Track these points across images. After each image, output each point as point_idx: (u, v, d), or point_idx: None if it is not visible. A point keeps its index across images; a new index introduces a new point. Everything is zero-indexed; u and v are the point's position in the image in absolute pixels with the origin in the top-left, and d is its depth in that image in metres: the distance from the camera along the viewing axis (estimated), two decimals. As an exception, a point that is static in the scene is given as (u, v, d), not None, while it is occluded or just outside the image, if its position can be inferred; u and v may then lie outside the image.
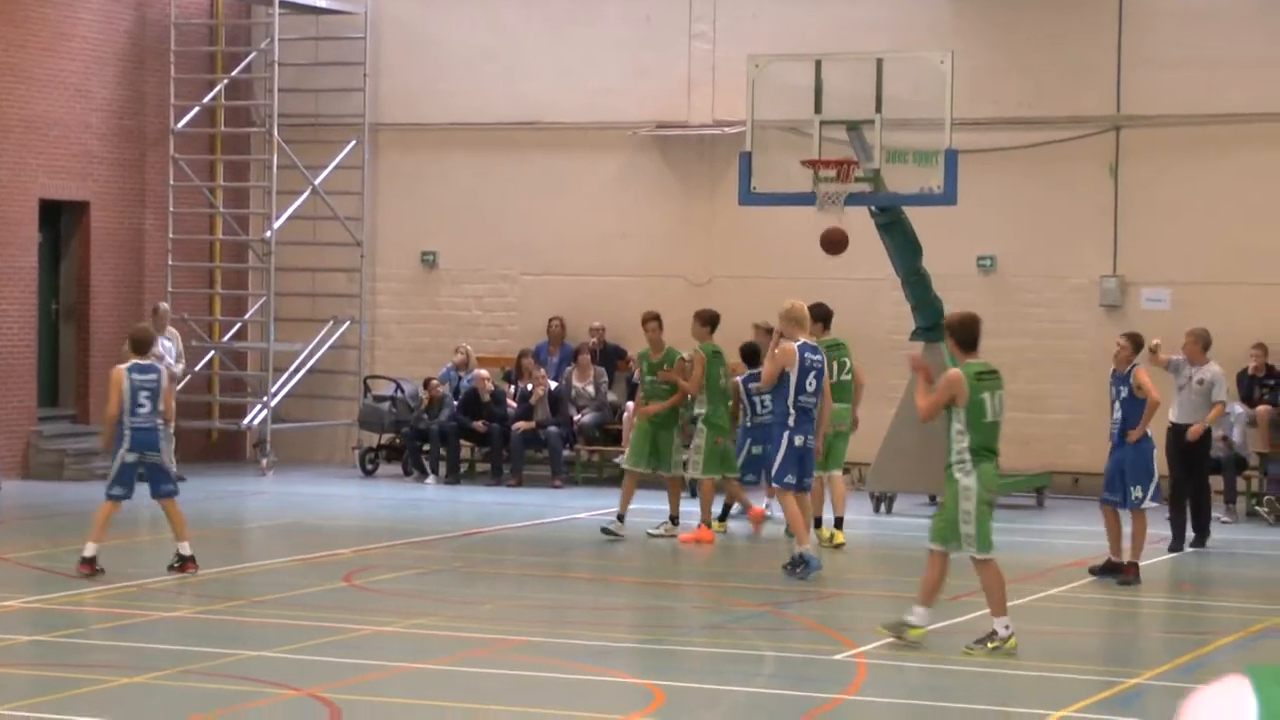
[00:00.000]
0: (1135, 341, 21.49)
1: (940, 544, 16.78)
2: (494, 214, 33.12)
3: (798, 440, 21.17)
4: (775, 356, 21.41)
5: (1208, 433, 23.46)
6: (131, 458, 20.08)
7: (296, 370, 33.73)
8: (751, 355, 24.60)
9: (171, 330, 30.91)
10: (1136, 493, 20.78)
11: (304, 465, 33.08)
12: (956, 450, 16.73)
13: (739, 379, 24.04)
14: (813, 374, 21.28)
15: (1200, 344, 23.27)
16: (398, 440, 32.38)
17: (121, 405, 20.03)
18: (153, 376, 20.18)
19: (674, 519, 24.30)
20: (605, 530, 23.97)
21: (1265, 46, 29.39)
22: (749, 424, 23.75)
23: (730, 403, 24.04)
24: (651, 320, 24.74)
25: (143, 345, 20.73)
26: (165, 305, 31.21)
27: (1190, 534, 23.43)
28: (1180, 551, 23.03)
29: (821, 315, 23.43)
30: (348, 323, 34.03)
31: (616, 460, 29.41)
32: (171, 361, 30.74)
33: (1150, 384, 21.30)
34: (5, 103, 30.43)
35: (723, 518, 25.05)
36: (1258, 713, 3.38)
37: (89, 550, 19.90)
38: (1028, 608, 19.19)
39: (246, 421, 33.78)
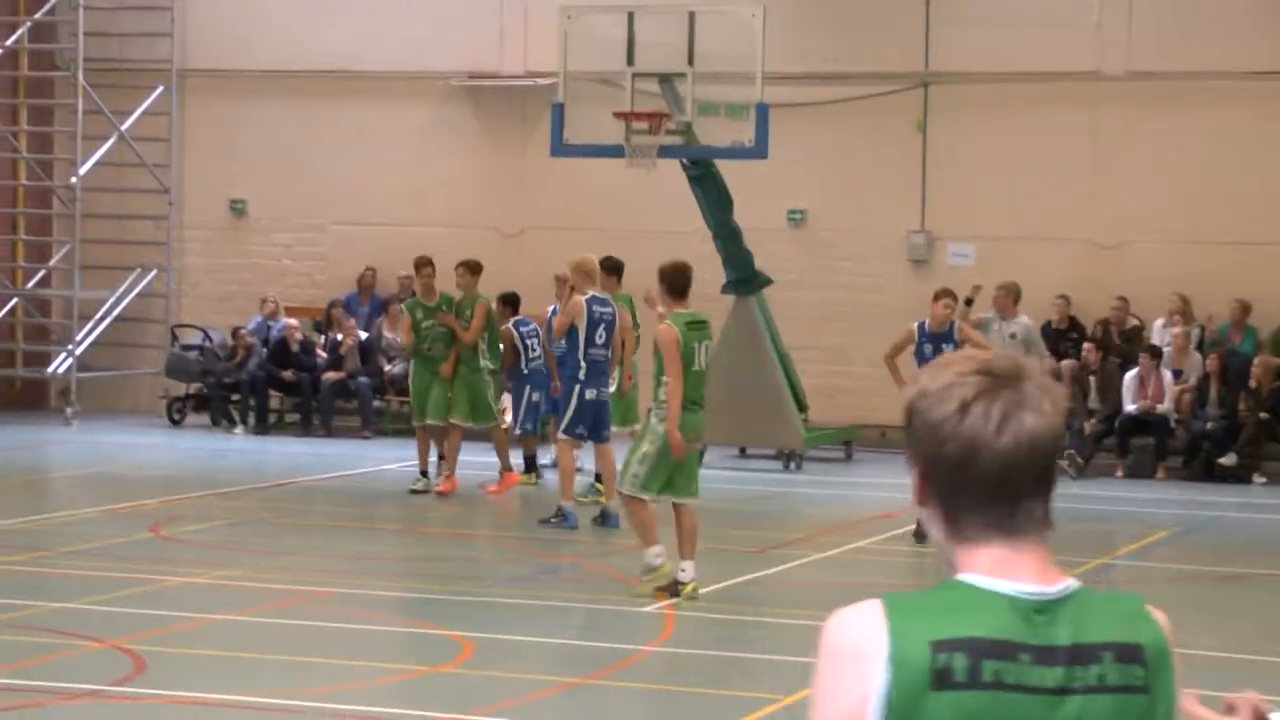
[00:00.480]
0: (951, 298, 21.58)
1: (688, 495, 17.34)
2: (304, 163, 32.94)
3: (589, 394, 21.27)
4: (565, 309, 21.54)
5: None
6: None
7: (102, 318, 33.45)
8: (514, 301, 25.00)
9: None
10: None
11: (110, 414, 32.75)
12: (661, 397, 17.03)
13: (510, 324, 24.27)
14: (602, 326, 21.34)
15: (1011, 297, 23.53)
16: (205, 390, 32.18)
17: None
18: None
19: (511, 468, 24.19)
20: (412, 490, 23.96)
21: (1068, 6, 29.67)
22: (525, 370, 24.11)
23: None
24: (425, 266, 24.56)
25: None
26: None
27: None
28: None
29: (613, 268, 23.32)
30: (155, 271, 33.73)
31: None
32: None
33: (980, 338, 21.60)
34: None
35: (530, 469, 25.09)
36: (888, 638, 3.58)
37: None
38: (837, 559, 19.37)
39: (51, 370, 33.47)
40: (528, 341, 24.00)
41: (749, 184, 27.27)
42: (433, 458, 23.92)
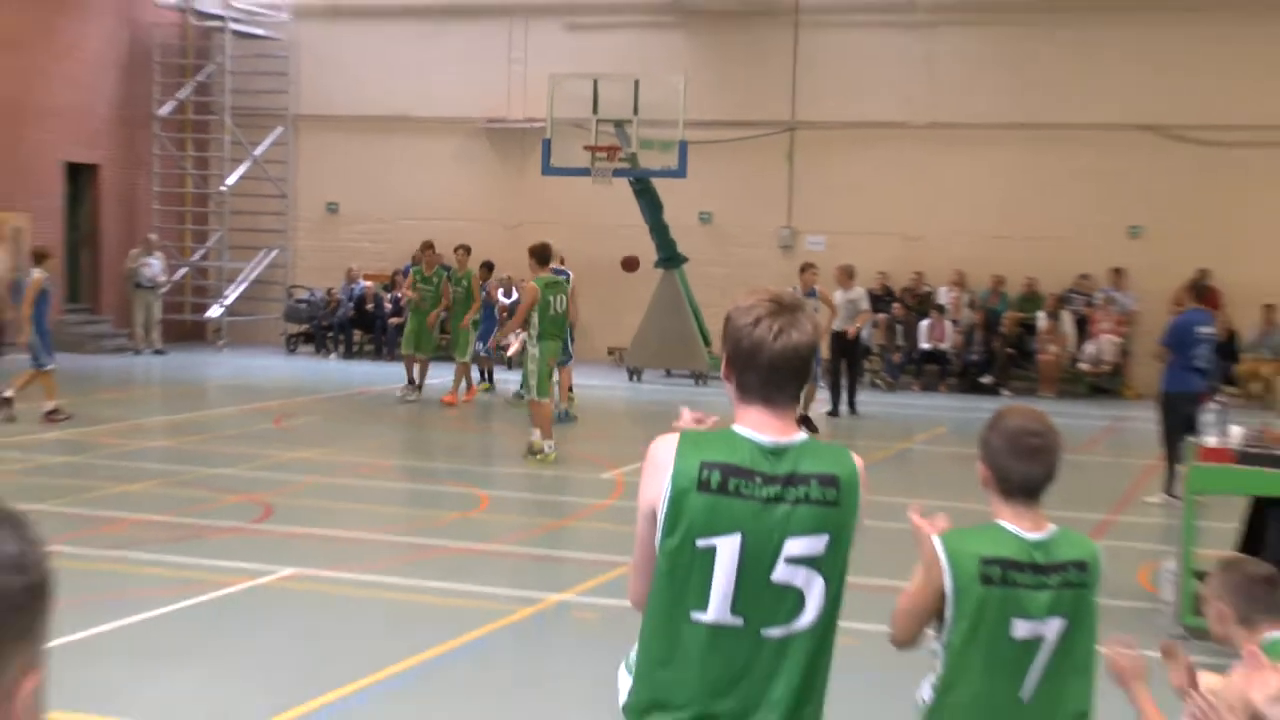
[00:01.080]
0: (814, 268, 22.26)
1: (537, 396, 17.72)
2: (376, 177, 33.00)
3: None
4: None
5: (858, 333, 23.68)
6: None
7: (242, 281, 33.55)
8: (490, 266, 25.59)
9: (158, 252, 30.84)
10: None
11: (247, 345, 32.85)
12: (533, 330, 17.63)
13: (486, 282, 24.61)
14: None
15: (847, 274, 23.55)
16: (310, 329, 32.26)
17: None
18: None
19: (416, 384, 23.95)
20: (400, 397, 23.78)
21: (888, 78, 29.72)
22: (496, 315, 24.34)
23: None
24: (428, 249, 24.20)
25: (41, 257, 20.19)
26: (153, 236, 31.21)
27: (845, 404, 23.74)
28: (837, 415, 23.06)
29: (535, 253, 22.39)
30: (277, 249, 33.84)
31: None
32: (158, 272, 30.78)
33: (830, 297, 22.06)
34: (41, 96, 29.94)
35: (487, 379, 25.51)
36: (675, 458, 4.03)
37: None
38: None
39: (208, 315, 33.54)
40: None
41: (674, 194, 27.41)
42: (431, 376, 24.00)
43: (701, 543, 4.01)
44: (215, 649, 9.71)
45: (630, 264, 25.75)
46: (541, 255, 18.15)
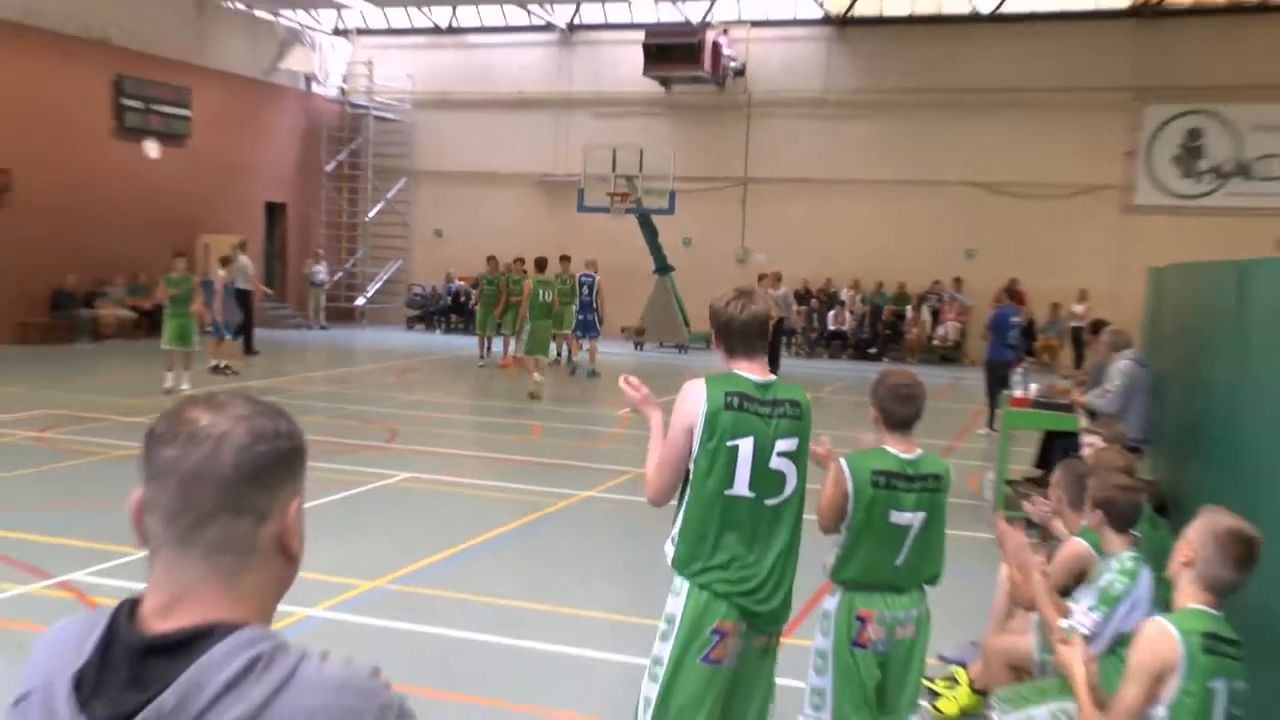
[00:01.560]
0: (767, 277, 21.86)
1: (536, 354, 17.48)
2: (468, 213, 32.87)
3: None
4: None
5: (783, 320, 22.96)
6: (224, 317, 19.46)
7: (378, 281, 33.42)
8: (542, 265, 22.39)
9: (323, 262, 30.65)
10: None
11: (381, 324, 32.78)
12: (531, 311, 17.38)
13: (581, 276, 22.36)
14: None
15: (776, 278, 22.70)
16: (423, 314, 32.16)
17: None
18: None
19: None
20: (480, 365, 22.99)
21: (814, 150, 29.58)
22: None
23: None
24: (490, 259, 23.52)
25: (225, 261, 20.09)
26: (320, 251, 31.22)
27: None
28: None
29: (538, 264, 21.07)
30: (401, 260, 33.69)
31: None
32: (324, 275, 30.54)
33: (773, 297, 21.82)
34: (251, 157, 29.94)
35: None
36: (706, 390, 4.25)
37: None
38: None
39: (355, 303, 33.44)
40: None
41: (666, 225, 27.37)
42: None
43: (730, 443, 4.17)
44: (357, 526, 9.71)
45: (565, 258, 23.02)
46: (538, 264, 18.48)
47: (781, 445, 4.23)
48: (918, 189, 28.71)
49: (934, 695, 6.02)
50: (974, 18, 28.34)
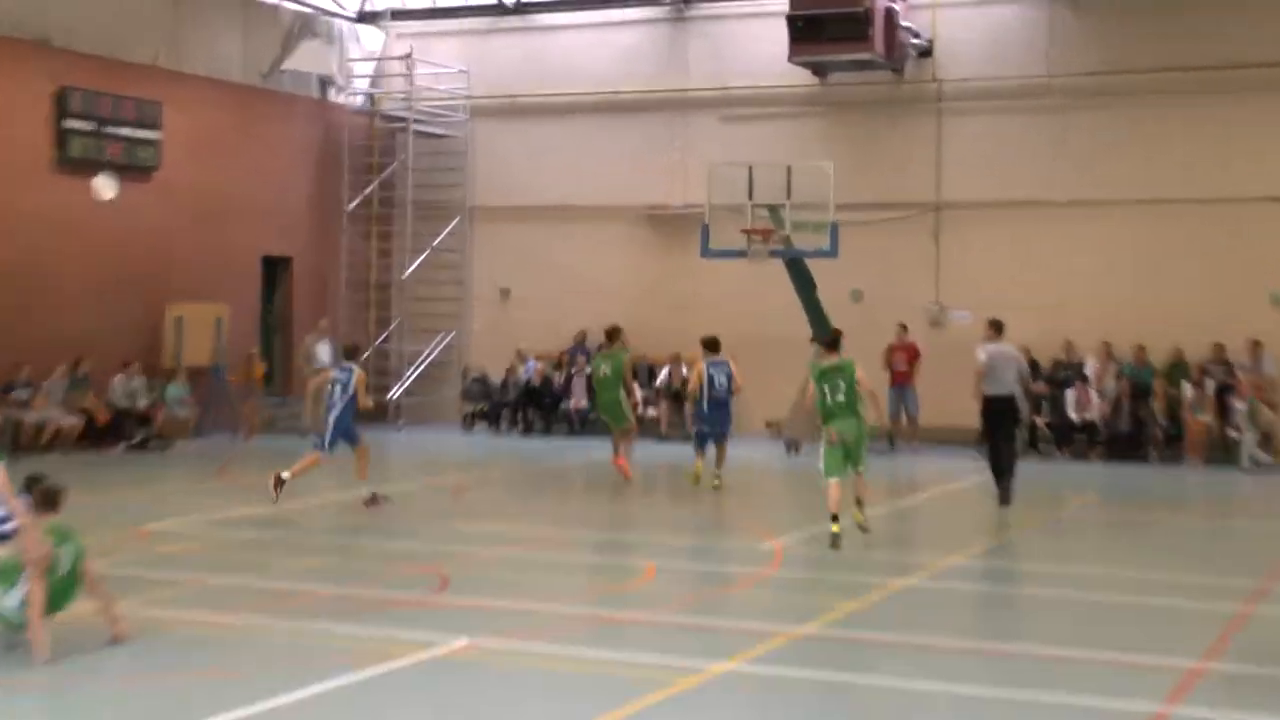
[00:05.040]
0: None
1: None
2: (546, 263, 32.94)
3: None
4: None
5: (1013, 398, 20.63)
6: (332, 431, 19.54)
7: (421, 362, 33.53)
8: (713, 345, 22.58)
9: (328, 338, 30.47)
10: None
11: (426, 423, 32.84)
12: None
13: (704, 363, 22.30)
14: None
15: (995, 328, 20.45)
16: (485, 408, 32.12)
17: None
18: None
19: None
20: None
21: (1025, 159, 29.23)
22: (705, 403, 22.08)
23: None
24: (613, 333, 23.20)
25: (353, 352, 20.27)
26: (324, 322, 30.85)
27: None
28: (1008, 503, 19.90)
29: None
30: (454, 332, 33.81)
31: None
32: (328, 358, 30.06)
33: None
34: (241, 194, 30.37)
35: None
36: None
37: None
38: (902, 510, 18.95)
39: (389, 395, 33.45)
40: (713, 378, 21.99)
41: (826, 272, 27.01)
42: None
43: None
44: (389, 721, 9.33)
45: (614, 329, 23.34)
46: (613, 333, 20.91)
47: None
48: (1189, 210, 28.07)
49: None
50: (1265, -37, 27.92)
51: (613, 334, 22.94)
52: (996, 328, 20.33)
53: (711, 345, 22.30)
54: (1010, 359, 19.88)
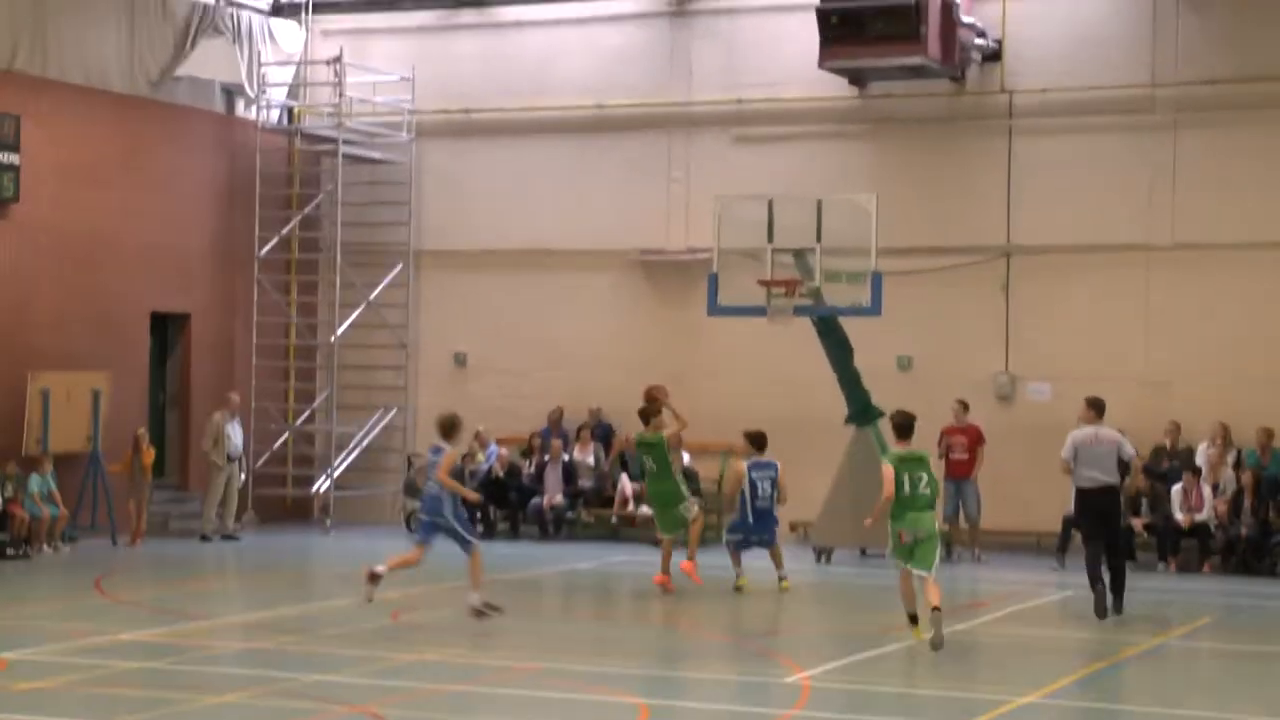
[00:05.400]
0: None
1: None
2: (513, 322, 33.11)
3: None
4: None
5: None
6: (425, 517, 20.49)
7: (354, 448, 33.63)
8: (759, 442, 23.82)
9: (236, 418, 30.61)
10: None
11: (360, 524, 32.83)
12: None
13: (745, 463, 23.56)
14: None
15: (1095, 408, 21.41)
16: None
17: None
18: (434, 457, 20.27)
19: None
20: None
21: (1121, 191, 29.43)
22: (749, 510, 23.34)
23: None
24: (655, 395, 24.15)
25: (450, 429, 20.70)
26: (234, 396, 31.02)
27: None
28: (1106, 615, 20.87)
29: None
30: (395, 409, 33.94)
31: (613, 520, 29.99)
32: (236, 443, 30.37)
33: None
34: (125, 234, 30.52)
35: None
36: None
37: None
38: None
39: (314, 489, 33.58)
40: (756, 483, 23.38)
41: (865, 335, 27.20)
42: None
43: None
44: None
45: (651, 400, 24.06)
46: (901, 424, 19.09)
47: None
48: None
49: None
50: None
51: (647, 413, 23.45)
52: (1097, 408, 21.13)
53: (758, 442, 23.28)
54: (1109, 444, 20.80)
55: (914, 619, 18.29)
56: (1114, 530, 21.18)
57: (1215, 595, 24.06)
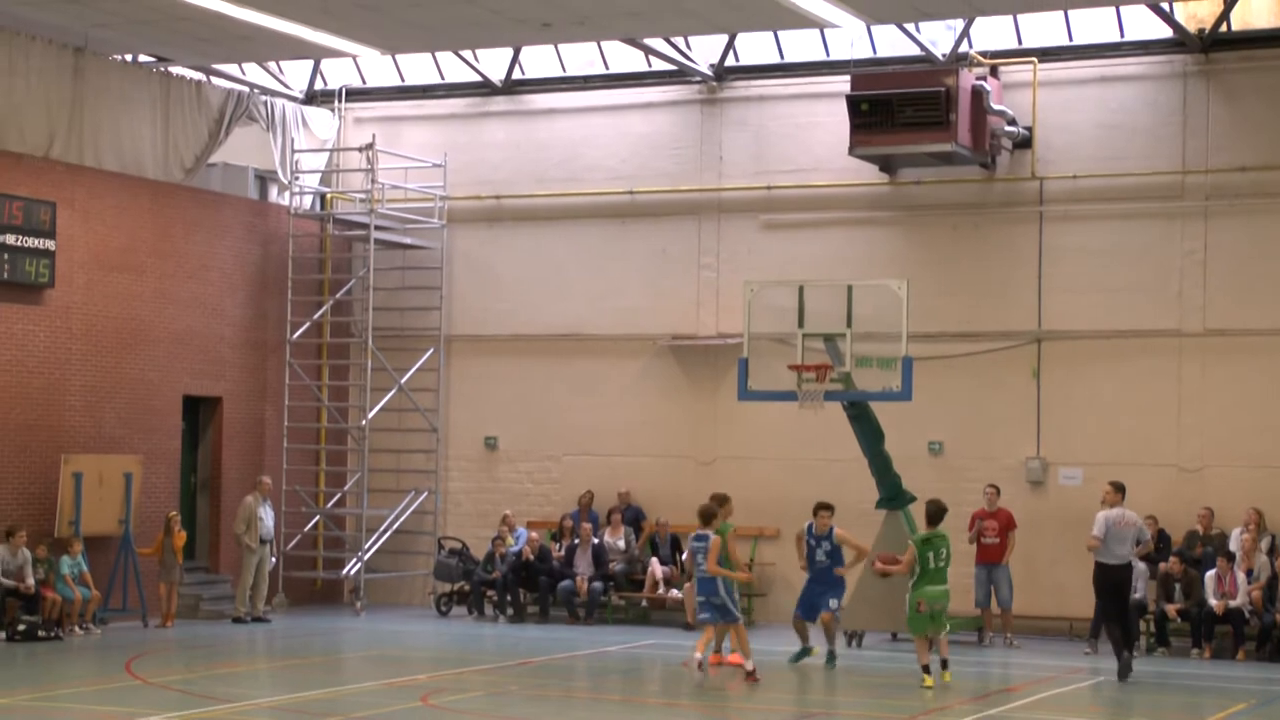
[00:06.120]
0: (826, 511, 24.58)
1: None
2: (542, 407, 33.18)
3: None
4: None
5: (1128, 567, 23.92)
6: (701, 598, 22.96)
7: (384, 531, 33.56)
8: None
9: (268, 500, 30.59)
10: None
11: (390, 607, 32.88)
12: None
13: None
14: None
15: (1117, 490, 23.71)
16: (465, 587, 32.09)
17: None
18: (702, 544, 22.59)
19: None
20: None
21: (1152, 277, 29.37)
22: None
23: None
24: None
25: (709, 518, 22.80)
26: (266, 479, 31.05)
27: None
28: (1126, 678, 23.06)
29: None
30: (426, 493, 33.89)
31: (643, 604, 29.71)
32: (269, 525, 30.44)
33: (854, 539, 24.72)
34: (158, 320, 30.64)
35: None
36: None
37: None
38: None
39: (344, 572, 33.53)
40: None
41: (897, 419, 27.29)
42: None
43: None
44: None
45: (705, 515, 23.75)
46: (932, 512, 22.69)
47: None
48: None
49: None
50: None
51: (708, 514, 23.28)
52: (1121, 491, 23.53)
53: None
54: (1132, 525, 23.48)
55: (927, 669, 22.02)
56: (1125, 599, 23.99)
57: (1250, 682, 23.89)
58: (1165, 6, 29.12)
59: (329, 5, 26.76)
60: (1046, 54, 30.31)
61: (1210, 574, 27.20)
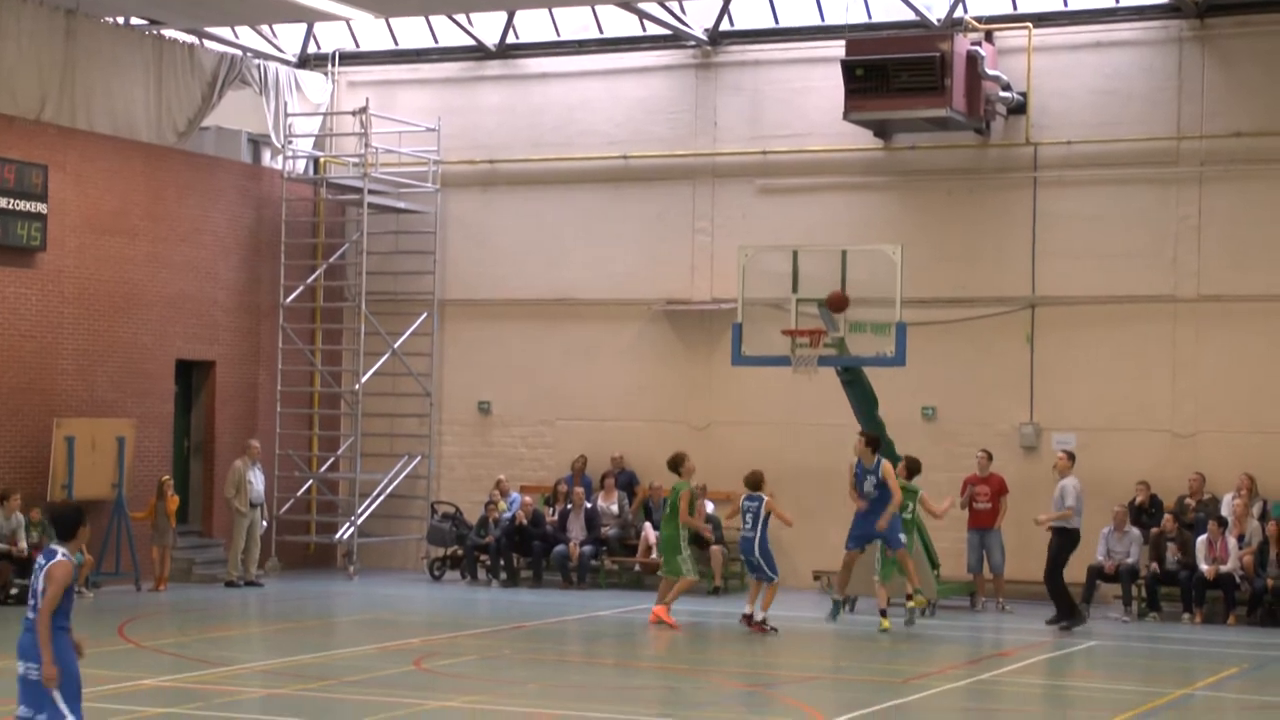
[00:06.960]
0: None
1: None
2: (536, 372, 33.20)
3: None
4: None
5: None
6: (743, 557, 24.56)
7: (377, 495, 33.60)
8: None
9: (258, 464, 30.65)
10: None
11: (383, 572, 32.92)
12: None
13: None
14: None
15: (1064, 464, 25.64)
16: (459, 551, 32.11)
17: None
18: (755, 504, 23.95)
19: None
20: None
21: (1146, 242, 29.40)
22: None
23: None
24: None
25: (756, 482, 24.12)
26: (255, 443, 31.05)
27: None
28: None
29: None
30: (419, 457, 33.93)
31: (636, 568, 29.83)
32: (259, 489, 30.46)
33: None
34: (151, 284, 30.62)
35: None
36: None
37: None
38: (965, 689, 18.95)
39: (337, 536, 33.55)
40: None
41: (890, 385, 27.30)
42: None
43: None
44: None
45: (838, 302, 26.10)
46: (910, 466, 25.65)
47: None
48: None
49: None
50: None
51: (674, 462, 25.01)
52: (1073, 459, 25.87)
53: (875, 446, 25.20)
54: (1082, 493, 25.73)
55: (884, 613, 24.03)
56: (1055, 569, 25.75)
57: (1241, 647, 23.95)
58: (1161, -29, 29.15)
59: (322, -32, 26.72)
60: (1041, 19, 30.34)
61: (1201, 539, 27.20)
